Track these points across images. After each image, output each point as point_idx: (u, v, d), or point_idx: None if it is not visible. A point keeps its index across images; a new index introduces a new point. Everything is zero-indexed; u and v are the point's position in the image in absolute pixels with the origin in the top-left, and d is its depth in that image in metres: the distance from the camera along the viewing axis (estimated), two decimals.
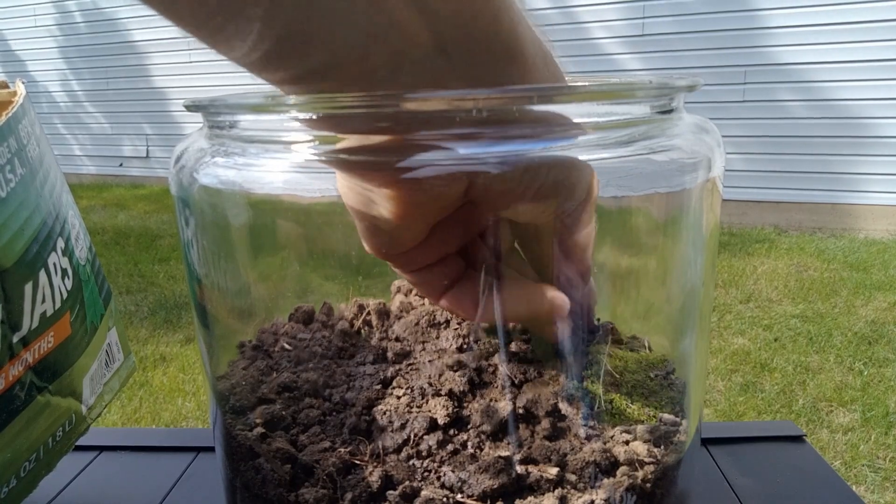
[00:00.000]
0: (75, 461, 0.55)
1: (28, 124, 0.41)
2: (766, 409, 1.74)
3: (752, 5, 3.28)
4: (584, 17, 3.57)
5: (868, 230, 3.24)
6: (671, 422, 0.38)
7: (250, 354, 0.44)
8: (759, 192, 3.41)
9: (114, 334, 0.50)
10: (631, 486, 0.34)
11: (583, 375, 0.38)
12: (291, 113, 0.34)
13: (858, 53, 3.13)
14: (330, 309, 0.47)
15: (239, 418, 0.39)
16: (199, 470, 0.54)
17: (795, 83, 3.26)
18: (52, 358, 0.41)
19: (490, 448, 0.35)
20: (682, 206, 0.37)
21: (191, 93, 4.81)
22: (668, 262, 0.39)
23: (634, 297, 0.42)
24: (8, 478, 0.39)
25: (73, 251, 0.44)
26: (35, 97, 5.46)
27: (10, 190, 0.38)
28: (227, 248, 0.40)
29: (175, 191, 0.39)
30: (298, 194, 0.35)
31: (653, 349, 0.43)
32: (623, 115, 0.34)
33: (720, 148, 0.38)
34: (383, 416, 0.37)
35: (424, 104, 0.29)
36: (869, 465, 1.52)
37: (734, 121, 3.36)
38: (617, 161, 0.33)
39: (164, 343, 2.28)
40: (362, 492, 0.33)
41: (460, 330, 0.42)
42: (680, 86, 0.35)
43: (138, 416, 1.82)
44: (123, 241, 3.56)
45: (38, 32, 5.48)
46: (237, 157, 0.36)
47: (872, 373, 1.91)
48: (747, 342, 2.12)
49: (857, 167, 3.24)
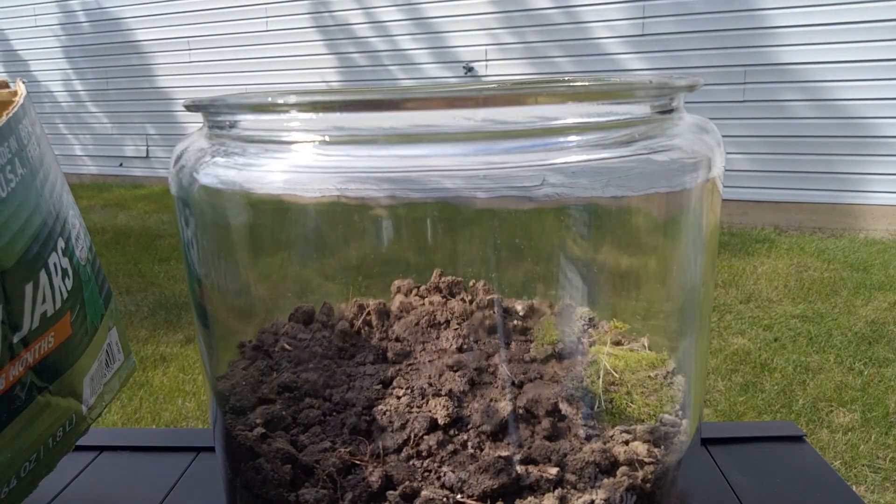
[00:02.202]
0: (75, 461, 0.55)
1: (29, 124, 0.41)
2: (766, 409, 1.74)
3: (753, 5, 3.28)
4: (587, 17, 3.57)
5: (868, 230, 3.24)
6: (671, 422, 0.38)
7: (250, 354, 0.44)
8: (760, 192, 3.40)
9: (114, 334, 0.50)
10: (631, 486, 0.34)
11: (583, 375, 0.38)
12: (292, 113, 0.34)
13: (859, 53, 3.13)
14: (330, 309, 0.47)
15: (239, 418, 0.39)
16: (199, 470, 0.54)
17: (796, 83, 3.26)
18: (53, 358, 0.41)
19: (490, 448, 0.35)
20: (682, 206, 0.37)
21: (191, 93, 4.81)
22: (669, 261, 0.39)
23: (634, 296, 0.42)
24: (8, 478, 0.39)
25: (73, 251, 0.44)
26: (36, 97, 5.46)
27: (11, 190, 0.38)
28: (227, 248, 0.40)
29: (175, 191, 0.39)
30: (298, 194, 0.35)
31: (652, 349, 0.43)
32: (623, 114, 0.34)
33: (720, 148, 0.38)
34: (383, 416, 0.37)
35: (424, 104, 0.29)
36: (869, 465, 1.52)
37: (735, 120, 3.36)
38: (617, 161, 0.33)
39: (165, 343, 2.28)
40: (362, 492, 0.33)
41: (460, 330, 0.42)
42: (680, 85, 0.35)
43: (138, 416, 1.83)
44: (124, 241, 3.56)
45: (39, 32, 5.48)
46: (237, 157, 0.36)
47: (872, 373, 1.91)
48: (747, 342, 2.12)
49: (858, 167, 3.24)
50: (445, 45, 3.94)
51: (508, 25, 3.74)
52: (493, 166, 0.32)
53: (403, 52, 4.07)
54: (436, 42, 3.97)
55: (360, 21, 4.15)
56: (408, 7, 3.98)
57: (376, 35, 4.13)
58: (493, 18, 3.77)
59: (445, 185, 0.33)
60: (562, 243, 0.35)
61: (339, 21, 4.20)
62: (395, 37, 4.07)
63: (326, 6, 4.22)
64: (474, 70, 3.88)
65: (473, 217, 0.36)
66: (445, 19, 3.91)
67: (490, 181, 0.32)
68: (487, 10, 3.77)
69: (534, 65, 3.75)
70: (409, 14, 3.99)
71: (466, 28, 3.85)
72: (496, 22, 3.77)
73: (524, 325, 0.44)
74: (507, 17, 3.73)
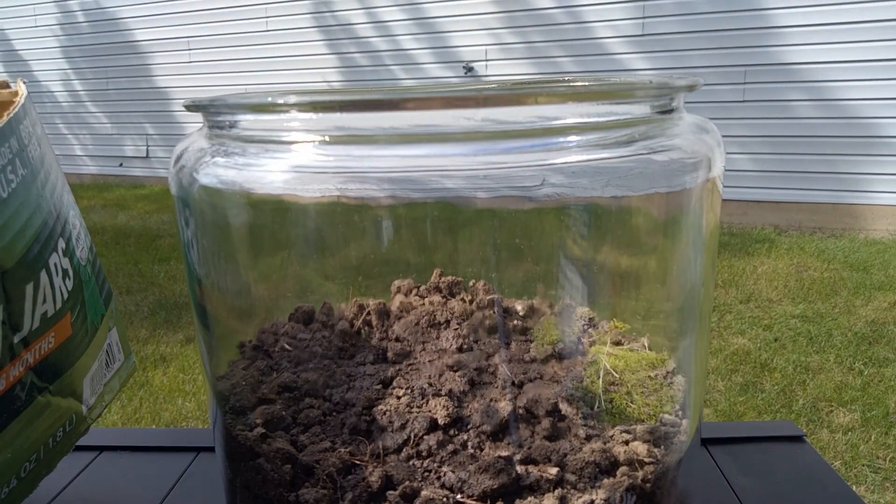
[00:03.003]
0: (75, 461, 0.55)
1: (29, 124, 0.41)
2: (766, 409, 1.74)
3: (754, 5, 3.28)
4: (587, 17, 3.57)
5: (868, 230, 3.24)
6: (671, 422, 0.38)
7: (250, 354, 0.44)
8: (760, 191, 3.40)
9: (114, 334, 0.50)
10: (631, 486, 0.34)
11: (583, 375, 0.38)
12: (292, 112, 0.34)
13: (859, 53, 3.13)
14: (330, 309, 0.47)
15: (239, 418, 0.39)
16: (199, 470, 0.54)
17: (797, 83, 3.26)
18: (53, 358, 0.41)
19: (490, 448, 0.35)
20: (682, 206, 0.37)
21: (191, 92, 4.81)
22: (668, 262, 0.39)
23: (634, 296, 0.42)
24: (8, 478, 0.39)
25: (73, 251, 0.44)
26: (37, 97, 5.46)
27: (12, 190, 0.38)
28: (227, 249, 0.40)
29: (175, 191, 0.39)
30: (298, 194, 0.35)
31: (652, 349, 0.43)
32: (623, 114, 0.34)
33: (720, 148, 0.38)
34: (383, 416, 0.37)
35: (425, 104, 0.29)
36: (869, 465, 1.52)
37: (736, 120, 3.36)
38: (617, 161, 0.33)
39: (165, 343, 2.28)
40: (362, 492, 0.33)
41: (460, 330, 0.42)
42: (680, 86, 0.35)
43: (138, 416, 1.83)
44: (124, 241, 3.56)
45: (39, 32, 5.48)
46: (237, 157, 0.36)
47: (872, 373, 1.91)
48: (747, 342, 2.12)
49: (858, 167, 3.24)
50: (446, 44, 3.94)
51: (509, 25, 3.74)
52: (494, 166, 0.32)
53: (404, 51, 4.07)
54: (436, 42, 3.97)
55: (360, 21, 4.15)
56: (408, 7, 3.98)
57: (377, 35, 4.13)
58: (494, 18, 3.77)
59: (446, 185, 0.33)
60: (562, 243, 0.35)
61: (340, 21, 4.20)
62: (396, 36, 4.07)
63: (327, 6, 4.22)
64: (474, 70, 3.88)
65: (473, 217, 0.36)
66: (446, 19, 3.91)
67: (490, 181, 0.32)
68: (488, 9, 3.77)
69: (534, 65, 3.75)
70: (410, 14, 3.99)
71: (467, 28, 3.85)
72: (497, 21, 3.77)
73: (524, 325, 0.44)
74: (507, 17, 3.73)
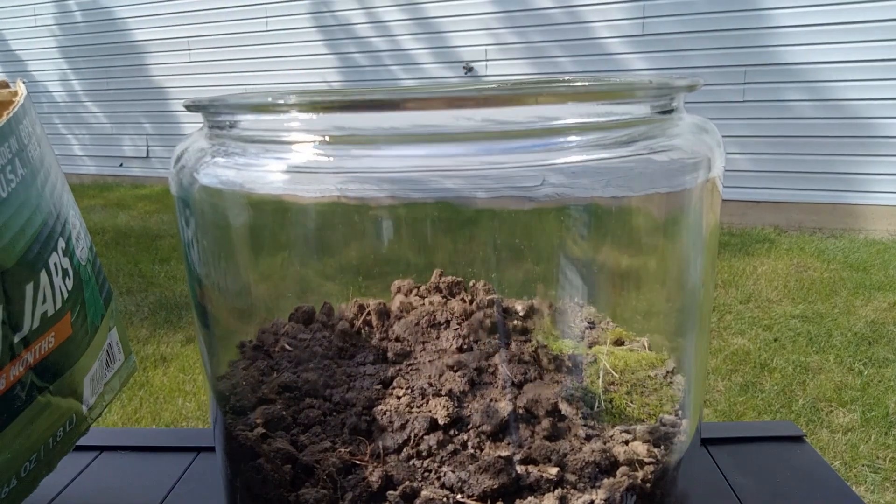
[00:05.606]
0: (75, 461, 0.55)
1: (29, 124, 0.41)
2: (766, 409, 1.74)
3: (754, 4, 3.28)
4: (588, 17, 3.57)
5: (868, 230, 3.24)
6: (671, 422, 0.38)
7: (251, 354, 0.44)
8: (760, 192, 3.40)
9: (114, 334, 0.50)
10: (631, 486, 0.34)
11: (583, 375, 0.38)
12: (292, 113, 0.34)
13: (859, 53, 3.13)
14: (330, 309, 0.47)
15: (239, 418, 0.39)
16: (199, 470, 0.54)
17: (797, 83, 3.26)
18: (53, 358, 0.41)
19: (490, 448, 0.35)
20: (682, 206, 0.37)
21: (191, 92, 4.80)
22: (668, 262, 0.39)
23: (635, 296, 0.42)
24: (8, 478, 0.39)
25: (73, 251, 0.44)
26: (35, 96, 5.46)
27: (12, 190, 0.38)
28: (228, 249, 0.40)
29: (175, 191, 0.39)
30: (298, 194, 0.35)
31: (653, 349, 0.43)
32: (623, 115, 0.34)
33: (720, 148, 0.38)
34: (384, 416, 0.37)
35: (425, 104, 0.29)
36: (869, 465, 1.52)
37: (736, 120, 3.36)
38: (617, 161, 0.33)
39: (165, 343, 2.28)
40: (362, 492, 0.33)
41: (460, 330, 0.42)
42: (680, 86, 0.35)
43: (138, 416, 1.83)
44: (124, 241, 3.56)
45: (38, 32, 5.48)
46: (237, 157, 0.36)
47: (872, 373, 1.91)
48: (747, 342, 2.12)
49: (858, 167, 3.24)
50: (446, 44, 3.94)
51: (509, 25, 3.74)
52: (494, 166, 0.32)
53: (404, 51, 4.07)
54: (436, 42, 3.97)
55: (360, 21, 4.15)
56: (408, 7, 3.98)
57: (377, 35, 4.13)
58: (494, 18, 3.77)
59: (446, 185, 0.33)
60: (562, 243, 0.35)
61: (340, 21, 4.20)
62: (396, 36, 4.07)
63: (327, 6, 4.22)
64: (474, 70, 3.88)
65: (473, 217, 0.36)
66: (446, 19, 3.91)
67: (490, 181, 0.32)
68: (488, 9, 3.77)
69: (534, 64, 3.75)
70: (410, 14, 3.99)
71: (467, 28, 3.85)
72: (497, 21, 3.77)
73: (524, 325, 0.44)
74: (507, 17, 3.73)
